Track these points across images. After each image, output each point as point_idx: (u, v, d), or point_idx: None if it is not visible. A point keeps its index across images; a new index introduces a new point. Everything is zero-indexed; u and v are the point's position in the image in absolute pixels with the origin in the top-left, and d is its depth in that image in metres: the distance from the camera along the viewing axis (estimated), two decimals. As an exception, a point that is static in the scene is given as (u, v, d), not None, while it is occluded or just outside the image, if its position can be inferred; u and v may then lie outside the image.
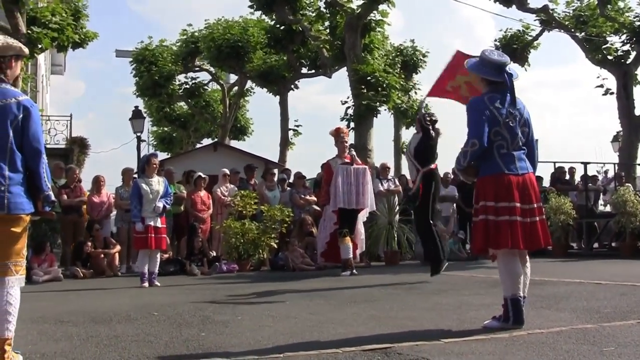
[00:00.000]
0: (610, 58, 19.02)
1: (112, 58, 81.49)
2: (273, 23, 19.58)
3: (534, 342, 3.88)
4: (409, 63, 22.13)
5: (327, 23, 17.64)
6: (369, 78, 14.87)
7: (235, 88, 25.47)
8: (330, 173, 9.31)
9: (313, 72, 21.62)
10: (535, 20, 19.76)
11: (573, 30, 19.23)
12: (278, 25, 19.33)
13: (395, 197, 11.79)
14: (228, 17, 22.76)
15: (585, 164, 14.28)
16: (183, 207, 11.54)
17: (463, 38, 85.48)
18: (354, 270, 8.99)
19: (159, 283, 8.49)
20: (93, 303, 6.56)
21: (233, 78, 26.39)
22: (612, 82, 19.16)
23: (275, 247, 10.88)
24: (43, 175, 3.66)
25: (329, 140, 9.58)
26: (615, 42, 19.11)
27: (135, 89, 24.28)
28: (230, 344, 4.08)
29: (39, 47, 13.28)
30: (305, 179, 12.92)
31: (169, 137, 32.01)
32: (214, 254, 11.01)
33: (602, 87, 19.30)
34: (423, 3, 79.90)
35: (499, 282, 4.57)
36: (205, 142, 27.49)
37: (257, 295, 6.89)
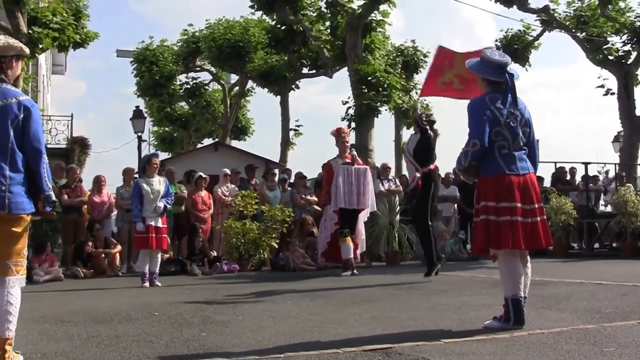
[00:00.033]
0: (611, 58, 19.00)
1: (113, 58, 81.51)
2: (274, 23, 19.56)
3: (535, 342, 3.88)
4: (410, 63, 22.10)
5: (328, 23, 17.61)
6: (370, 78, 14.85)
7: (236, 88, 25.46)
8: (331, 173, 9.31)
9: (314, 72, 21.59)
10: (536, 21, 19.74)
11: (574, 31, 19.20)
12: (279, 25, 19.31)
13: (396, 197, 11.81)
14: (229, 17, 22.78)
15: (586, 164, 14.28)
16: (184, 207, 11.55)
17: (463, 38, 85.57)
18: (355, 271, 8.99)
19: (160, 283, 8.50)
20: (94, 303, 6.56)
21: (234, 78, 26.38)
22: (612, 82, 19.17)
23: (276, 247, 10.88)
24: (44, 175, 3.67)
25: (330, 141, 9.58)
26: (616, 42, 19.12)
27: (136, 89, 24.26)
28: (231, 344, 4.08)
29: (40, 47, 13.27)
30: (306, 179, 12.94)
31: (170, 137, 32.00)
32: (215, 254, 11.01)
33: (603, 87, 19.29)
34: (424, 3, 79.96)
35: (500, 282, 4.57)
36: (206, 142, 27.51)
37: (257, 296, 6.89)
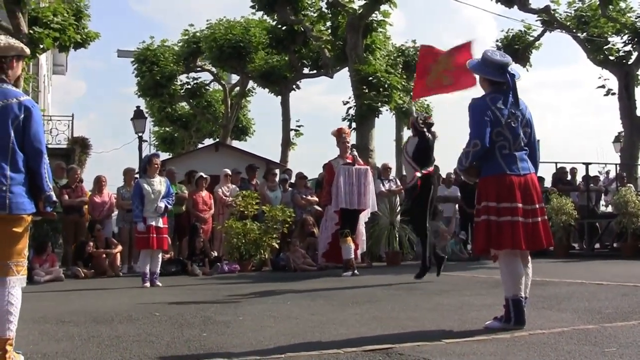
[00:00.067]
0: (612, 59, 19.00)
1: (113, 58, 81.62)
2: (275, 23, 19.56)
3: (536, 342, 3.88)
4: (411, 63, 22.05)
5: (328, 23, 17.60)
6: (371, 78, 14.85)
7: (237, 88, 25.47)
8: (332, 173, 9.31)
9: (315, 72, 21.59)
10: (537, 21, 19.73)
11: (575, 31, 19.20)
12: (280, 26, 19.31)
13: (397, 197, 11.81)
14: (230, 17, 22.78)
15: (587, 165, 14.28)
16: (184, 207, 11.56)
17: (464, 38, 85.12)
18: (356, 271, 8.99)
19: (161, 283, 8.50)
20: (94, 303, 6.57)
21: (235, 78, 26.39)
22: (613, 82, 19.17)
23: (277, 247, 10.88)
24: (44, 176, 3.67)
25: (331, 141, 9.58)
26: (617, 42, 19.12)
27: (137, 89, 24.27)
28: (232, 345, 4.08)
29: (41, 47, 13.29)
30: (307, 179, 12.93)
31: (171, 137, 32.01)
32: (216, 254, 11.01)
33: (603, 87, 19.30)
34: (425, 3, 79.97)
35: (501, 282, 4.57)
36: (207, 142, 27.53)
37: (258, 296, 6.90)
